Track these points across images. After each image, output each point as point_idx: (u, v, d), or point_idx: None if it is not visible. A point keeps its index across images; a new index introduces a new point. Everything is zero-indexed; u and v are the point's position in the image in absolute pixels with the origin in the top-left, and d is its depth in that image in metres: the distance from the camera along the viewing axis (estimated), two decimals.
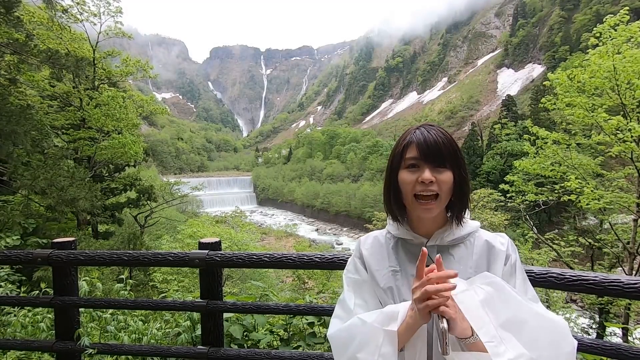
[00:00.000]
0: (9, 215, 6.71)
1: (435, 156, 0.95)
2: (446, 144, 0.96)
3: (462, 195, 0.99)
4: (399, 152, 1.00)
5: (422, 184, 0.94)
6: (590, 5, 76.27)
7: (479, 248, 1.02)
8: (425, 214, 0.97)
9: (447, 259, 1.01)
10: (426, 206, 0.96)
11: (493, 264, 0.99)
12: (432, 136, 0.96)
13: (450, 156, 0.96)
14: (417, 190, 0.96)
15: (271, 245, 38.02)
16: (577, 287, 1.52)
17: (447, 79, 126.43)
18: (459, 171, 0.97)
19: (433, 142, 0.95)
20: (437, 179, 0.94)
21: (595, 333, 9.02)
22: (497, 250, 1.00)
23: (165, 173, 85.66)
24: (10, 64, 7.75)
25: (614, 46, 7.84)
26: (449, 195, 0.97)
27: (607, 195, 8.40)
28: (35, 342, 2.55)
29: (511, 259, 1.00)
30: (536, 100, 40.25)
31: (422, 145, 0.95)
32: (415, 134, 0.98)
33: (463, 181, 0.98)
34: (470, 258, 1.01)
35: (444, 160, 0.95)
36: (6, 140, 6.65)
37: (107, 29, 12.91)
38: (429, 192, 0.94)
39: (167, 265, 2.31)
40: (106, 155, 11.34)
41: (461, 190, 0.98)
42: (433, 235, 1.02)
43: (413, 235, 1.04)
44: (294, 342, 2.70)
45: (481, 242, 1.02)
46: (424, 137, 0.96)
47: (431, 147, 0.95)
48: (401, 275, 1.03)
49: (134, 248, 11.15)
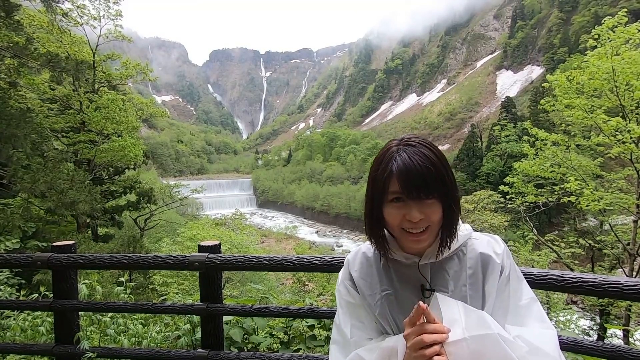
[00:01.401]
0: (9, 219, 6.70)
1: (419, 187, 0.86)
2: (430, 170, 0.87)
3: (452, 214, 0.93)
4: (380, 184, 0.91)
5: (410, 222, 0.89)
6: (589, 7, 76.56)
7: (473, 261, 0.97)
8: (416, 245, 0.92)
9: (440, 276, 0.97)
10: (417, 238, 0.91)
11: (489, 277, 0.96)
12: (414, 163, 0.86)
13: (437, 184, 0.87)
14: (404, 226, 0.90)
15: (271, 247, 37.98)
16: (577, 289, 1.51)
17: (446, 80, 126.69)
18: (446, 198, 0.90)
19: (416, 173, 0.86)
20: (426, 213, 0.88)
21: (596, 335, 9.00)
22: (493, 262, 0.97)
23: (165, 175, 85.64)
24: (11, 67, 7.76)
25: (612, 48, 7.88)
26: (439, 223, 0.92)
27: (607, 196, 8.41)
28: (34, 345, 2.54)
29: (505, 270, 0.97)
30: (535, 101, 40.32)
31: (404, 179, 0.86)
32: (396, 161, 0.88)
33: (451, 208, 0.92)
34: (464, 273, 0.96)
35: (428, 191, 0.87)
36: (6, 143, 6.65)
37: (107, 32, 12.95)
38: (418, 228, 0.90)
39: (166, 268, 2.31)
40: (106, 158, 11.35)
41: (451, 216, 0.93)
42: (425, 254, 0.97)
43: (404, 256, 0.98)
44: (294, 345, 2.70)
45: (475, 254, 0.98)
46: (406, 167, 0.87)
47: (414, 179, 0.86)
48: (395, 297, 0.99)
49: (133, 251, 11.14)
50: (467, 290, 0.95)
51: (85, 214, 8.73)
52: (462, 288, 0.95)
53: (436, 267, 0.98)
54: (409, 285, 0.98)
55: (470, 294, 0.95)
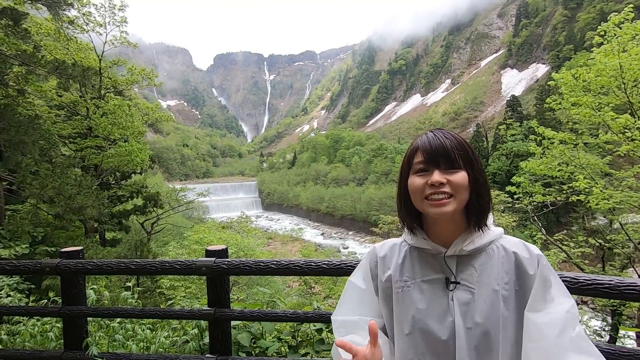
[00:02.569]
0: (18, 224, 6.78)
1: (442, 158, 0.91)
2: (454, 145, 0.92)
3: (480, 196, 0.93)
4: (406, 159, 0.98)
5: (432, 187, 0.90)
6: (594, 3, 75.90)
7: (504, 259, 0.94)
8: (439, 212, 0.90)
9: (467, 270, 0.94)
10: (439, 203, 0.89)
11: (521, 279, 0.91)
12: (438, 139, 0.93)
13: (461, 157, 0.91)
14: (427, 193, 0.91)
15: (277, 250, 37.97)
16: (592, 291, 1.48)
17: (450, 80, 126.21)
18: (473, 171, 0.92)
19: (439, 144, 0.92)
20: (449, 180, 0.89)
21: (608, 336, 8.85)
22: (526, 264, 0.92)
23: (171, 180, 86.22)
24: (19, 75, 7.87)
25: (619, 44, 7.77)
26: (465, 196, 0.91)
27: (617, 194, 8.27)
28: (44, 352, 2.55)
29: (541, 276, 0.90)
30: (541, 100, 39.99)
31: (428, 149, 0.92)
32: (421, 139, 0.96)
33: (479, 182, 0.92)
34: (492, 269, 0.93)
35: (452, 161, 0.90)
36: (15, 150, 6.74)
37: (113, 38, 13.09)
38: (441, 194, 0.89)
39: (174, 273, 2.31)
40: (113, 163, 11.44)
41: (479, 191, 0.92)
42: (452, 244, 0.95)
43: (431, 245, 0.97)
44: (302, 349, 2.68)
45: (506, 252, 0.94)
46: (429, 141, 0.93)
47: (437, 149, 0.91)
48: (413, 287, 0.97)
49: (141, 255, 11.19)
50: (497, 288, 0.91)
51: (92, 218, 8.79)
52: (492, 282, 0.91)
53: (463, 261, 0.95)
54: (432, 276, 0.97)
55: (504, 295, 0.90)
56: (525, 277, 0.91)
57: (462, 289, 0.93)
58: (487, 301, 0.90)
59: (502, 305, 0.89)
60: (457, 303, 0.92)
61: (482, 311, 0.90)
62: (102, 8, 12.50)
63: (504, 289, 0.90)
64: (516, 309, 0.90)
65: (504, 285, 0.91)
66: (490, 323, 0.89)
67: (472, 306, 0.91)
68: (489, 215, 0.97)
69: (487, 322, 0.89)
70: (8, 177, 7.57)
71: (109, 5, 12.56)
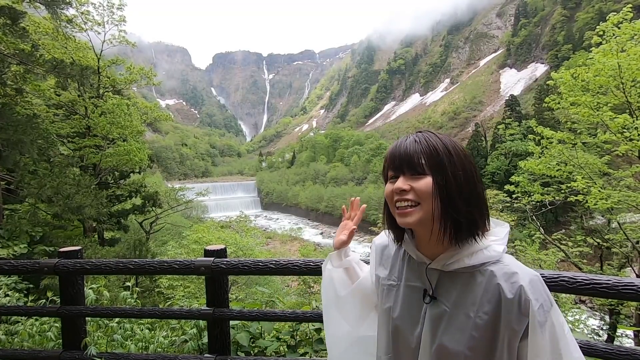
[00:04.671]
0: (17, 224, 6.76)
1: (405, 163, 0.87)
2: (421, 149, 0.86)
3: (456, 207, 0.84)
4: (384, 166, 0.96)
5: (398, 195, 0.87)
6: (593, 3, 75.95)
7: (487, 286, 0.84)
8: (403, 222, 0.87)
9: (447, 288, 0.89)
10: (403, 212, 0.86)
11: (504, 316, 0.81)
12: (405, 144, 0.89)
13: (428, 161, 0.85)
14: (394, 200, 0.88)
15: (276, 249, 37.95)
16: (590, 291, 1.48)
17: (449, 80, 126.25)
18: (441, 176, 0.84)
19: (402, 150, 0.88)
20: (413, 187, 0.85)
21: (606, 335, 8.88)
22: (510, 304, 0.81)
23: (170, 179, 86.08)
24: (17, 74, 7.85)
25: (618, 44, 7.79)
26: (431, 204, 0.84)
27: (615, 194, 8.30)
28: (42, 351, 2.55)
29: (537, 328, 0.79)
30: (540, 99, 40.06)
31: (393, 154, 0.90)
32: (392, 144, 0.93)
33: (449, 187, 0.83)
34: (472, 294, 0.85)
35: (415, 167, 0.85)
36: (13, 149, 6.72)
37: (111, 37, 13.06)
38: (405, 201, 0.86)
39: (172, 273, 2.31)
40: (111, 162, 11.42)
41: (453, 200, 0.83)
42: (437, 258, 0.90)
43: (416, 254, 0.95)
44: (301, 349, 2.68)
45: (491, 280, 0.84)
46: (395, 146, 0.91)
47: (400, 154, 0.88)
48: (397, 288, 0.99)
49: (139, 254, 11.18)
50: (475, 319, 0.83)
51: (91, 218, 8.78)
52: (466, 311, 0.85)
53: (445, 277, 0.90)
54: (415, 283, 0.96)
55: (477, 323, 0.83)
56: (508, 310, 0.80)
57: (437, 304, 0.89)
58: (458, 324, 0.85)
59: (471, 331, 0.83)
60: (429, 317, 0.90)
61: (450, 332, 0.86)
62: (100, 7, 12.49)
63: (479, 318, 0.83)
64: (491, 337, 0.82)
65: (481, 315, 0.83)
66: (456, 347, 0.84)
67: (442, 325, 0.87)
68: (479, 231, 0.86)
69: (452, 345, 0.85)
70: (6, 176, 7.55)
71: (107, 4, 12.54)
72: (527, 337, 0.80)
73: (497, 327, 0.81)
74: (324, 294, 1.20)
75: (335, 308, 1.17)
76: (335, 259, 1.18)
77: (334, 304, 1.17)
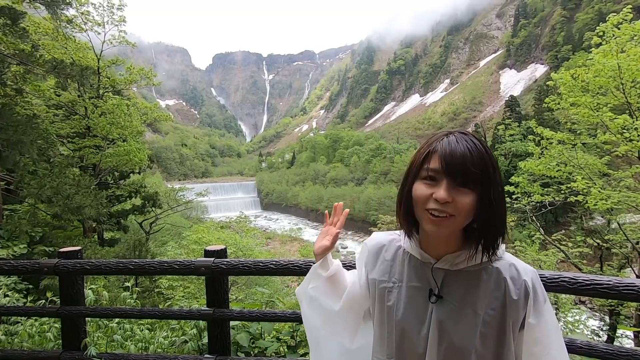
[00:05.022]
0: (17, 224, 6.75)
1: (458, 172, 0.79)
2: (476, 159, 0.80)
3: (489, 224, 0.83)
4: (419, 159, 0.86)
5: (436, 202, 0.80)
6: (592, 4, 76.06)
7: (495, 283, 0.87)
8: (434, 231, 0.83)
9: (454, 286, 0.90)
10: (436, 221, 0.81)
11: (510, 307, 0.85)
12: (461, 147, 0.81)
13: (478, 174, 0.79)
14: (429, 207, 0.82)
15: (276, 249, 37.92)
16: (591, 292, 1.48)
17: (449, 80, 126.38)
18: (487, 194, 0.80)
19: (459, 155, 0.80)
20: (455, 200, 0.79)
21: (606, 335, 8.88)
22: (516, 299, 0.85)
23: (170, 179, 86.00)
24: (17, 74, 7.85)
25: (617, 45, 7.79)
26: (465, 220, 0.82)
27: (615, 194, 8.29)
28: (42, 352, 2.54)
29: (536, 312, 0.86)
30: (540, 100, 40.07)
31: (447, 157, 0.80)
32: (442, 142, 0.83)
33: (491, 207, 0.81)
34: (480, 292, 0.87)
35: (466, 179, 0.79)
36: (13, 149, 6.72)
37: (111, 37, 13.04)
38: (443, 213, 0.80)
39: (172, 273, 2.31)
40: (111, 162, 11.41)
41: (488, 218, 0.82)
42: (444, 257, 0.90)
43: (421, 254, 0.94)
44: (301, 349, 2.68)
45: (497, 277, 0.87)
46: (451, 148, 0.81)
47: (456, 161, 0.79)
48: (399, 289, 0.96)
49: (139, 255, 11.17)
50: (483, 315, 0.86)
51: (91, 218, 8.77)
52: (474, 308, 0.87)
53: (451, 276, 0.90)
54: (418, 283, 0.94)
55: (485, 319, 0.86)
56: (513, 306, 0.85)
57: (444, 304, 0.89)
58: (467, 322, 0.86)
59: (480, 327, 0.85)
60: (436, 317, 0.89)
61: (458, 331, 0.86)
62: (100, 7, 12.47)
63: (487, 314, 0.86)
64: (498, 331, 0.86)
65: (489, 311, 0.86)
66: (465, 345, 0.85)
67: (450, 324, 0.87)
68: (500, 244, 0.88)
69: (462, 343, 0.86)
70: (6, 176, 7.55)
71: (107, 5, 12.52)
72: (523, 328, 0.86)
73: (505, 322, 0.85)
74: (308, 320, 1.13)
75: (325, 329, 1.11)
76: (322, 268, 1.11)
77: (323, 325, 1.11)
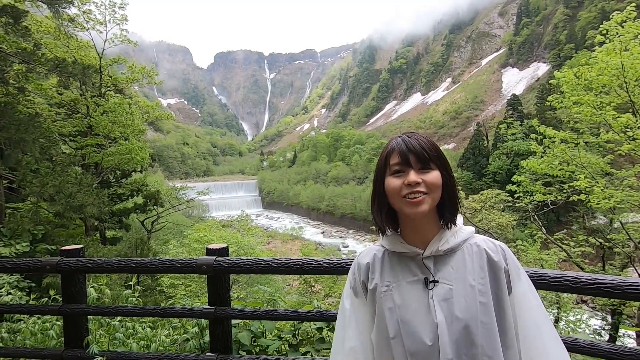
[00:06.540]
0: (19, 223, 6.77)
1: (418, 158, 0.96)
2: (428, 146, 0.97)
3: (451, 195, 1.00)
4: (382, 161, 1.02)
5: (409, 187, 0.94)
6: (595, 2, 75.60)
7: (477, 255, 1.00)
8: (416, 211, 0.95)
9: (445, 269, 0.99)
10: (415, 201, 0.94)
11: (494, 273, 0.98)
12: (413, 141, 0.98)
13: (434, 157, 0.97)
14: (403, 192, 0.95)
15: (277, 248, 37.99)
16: (594, 291, 1.47)
17: (451, 79, 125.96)
18: (445, 171, 0.98)
19: (415, 146, 0.97)
20: (424, 180, 0.95)
21: (608, 335, 8.85)
22: (497, 259, 0.99)
23: (172, 178, 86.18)
24: (19, 73, 7.86)
25: (621, 43, 7.75)
26: (438, 194, 0.97)
27: (617, 194, 8.26)
28: (44, 350, 2.55)
29: (513, 266, 1.00)
30: (542, 99, 39.94)
31: (404, 150, 0.97)
32: (396, 141, 1.01)
33: (450, 181, 0.99)
34: (467, 266, 0.98)
35: (427, 162, 0.96)
36: (15, 148, 6.73)
37: (113, 36, 13.05)
38: (417, 194, 0.94)
39: (174, 272, 2.31)
40: (113, 161, 11.43)
41: (450, 191, 0.99)
42: (429, 246, 1.00)
43: (407, 248, 1.02)
44: (302, 348, 2.68)
45: (479, 249, 1.00)
46: (404, 143, 0.98)
47: (413, 150, 0.96)
48: (394, 290, 0.99)
49: (141, 253, 11.19)
50: (473, 283, 0.96)
51: (93, 217, 8.80)
52: (467, 282, 0.96)
53: (440, 260, 1.00)
54: (412, 277, 1.00)
55: (480, 289, 0.95)
56: (498, 270, 0.97)
57: (440, 286, 0.97)
58: (465, 295, 0.94)
59: (478, 297, 0.94)
60: (437, 300, 0.95)
61: (460, 305, 0.94)
62: (102, 6, 12.46)
63: (479, 284, 0.95)
64: (494, 299, 0.95)
65: (480, 280, 0.96)
66: (469, 316, 0.92)
67: (451, 302, 0.94)
68: (459, 216, 1.04)
69: (466, 315, 0.92)
70: (8, 175, 7.57)
71: (109, 3, 12.52)
72: (512, 290, 0.98)
73: (498, 287, 0.96)
74: None
75: None
76: None
77: None
